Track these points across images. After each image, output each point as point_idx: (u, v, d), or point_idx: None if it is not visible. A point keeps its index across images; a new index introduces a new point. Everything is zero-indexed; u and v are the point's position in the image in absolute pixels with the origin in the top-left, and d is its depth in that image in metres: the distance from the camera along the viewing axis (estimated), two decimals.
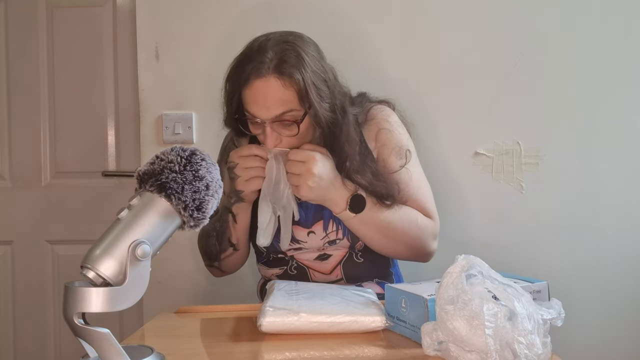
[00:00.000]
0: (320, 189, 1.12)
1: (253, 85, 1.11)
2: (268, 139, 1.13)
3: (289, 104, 1.11)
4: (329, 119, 1.14)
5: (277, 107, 1.11)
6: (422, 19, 1.71)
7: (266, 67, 1.10)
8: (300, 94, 1.10)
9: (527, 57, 1.70)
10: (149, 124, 1.75)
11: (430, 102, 1.70)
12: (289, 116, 1.12)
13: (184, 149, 0.71)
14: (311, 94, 1.10)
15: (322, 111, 1.12)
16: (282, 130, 1.14)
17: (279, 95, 1.10)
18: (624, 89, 1.71)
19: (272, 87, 1.10)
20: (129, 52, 1.85)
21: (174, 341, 0.93)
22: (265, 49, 1.12)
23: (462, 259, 0.79)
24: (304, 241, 1.24)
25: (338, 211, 1.17)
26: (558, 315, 0.78)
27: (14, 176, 1.90)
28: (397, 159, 1.23)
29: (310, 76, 1.11)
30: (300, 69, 1.10)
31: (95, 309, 0.64)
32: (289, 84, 1.10)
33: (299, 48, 1.13)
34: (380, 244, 1.22)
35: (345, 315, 0.91)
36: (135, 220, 0.67)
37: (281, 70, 1.10)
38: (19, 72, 1.89)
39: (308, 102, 1.11)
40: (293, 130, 1.14)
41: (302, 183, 1.11)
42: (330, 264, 1.27)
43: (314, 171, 1.10)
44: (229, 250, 1.25)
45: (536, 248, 1.71)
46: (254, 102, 1.12)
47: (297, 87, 1.10)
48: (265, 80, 1.10)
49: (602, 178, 1.71)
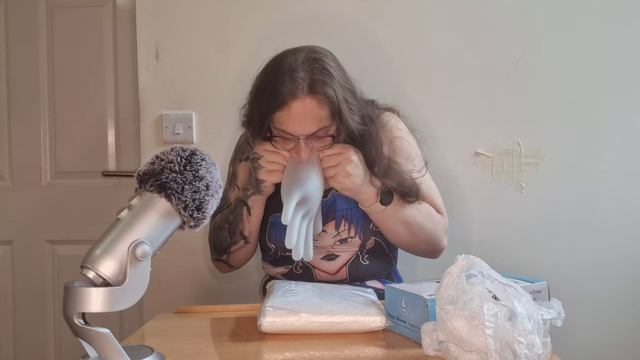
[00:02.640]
0: (357, 177, 1.16)
1: (289, 107, 1.13)
2: (303, 153, 1.16)
3: (324, 121, 1.15)
4: (360, 131, 1.19)
5: (312, 125, 1.15)
6: (422, 19, 1.71)
7: (300, 87, 1.13)
8: (333, 111, 1.14)
9: (527, 57, 1.70)
10: (149, 124, 1.75)
11: (431, 102, 1.70)
12: (323, 132, 1.16)
13: (184, 149, 0.71)
14: (343, 110, 1.15)
15: (354, 124, 1.17)
16: (315, 144, 1.18)
17: (315, 114, 1.14)
18: (624, 89, 1.71)
19: (308, 106, 1.13)
20: (129, 52, 1.85)
21: (174, 341, 0.93)
22: (295, 69, 1.14)
23: (462, 259, 0.79)
24: (315, 239, 1.26)
25: (368, 204, 1.20)
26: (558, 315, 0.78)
27: (14, 176, 1.90)
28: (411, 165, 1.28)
29: (341, 91, 1.15)
30: (332, 86, 1.14)
31: (95, 309, 0.64)
32: (324, 102, 1.14)
33: (326, 64, 1.17)
34: (403, 238, 1.25)
35: (345, 315, 0.91)
36: (135, 220, 0.67)
37: (315, 90, 1.13)
38: (19, 72, 1.89)
39: (340, 117, 1.15)
40: (326, 142, 1.18)
41: (341, 170, 1.14)
42: (337, 265, 1.28)
43: (352, 158, 1.15)
44: (240, 242, 1.27)
45: (536, 248, 1.71)
46: (289, 121, 1.15)
47: (331, 105, 1.14)
48: (301, 101, 1.13)
49: (602, 178, 1.71)
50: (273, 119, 1.16)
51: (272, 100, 1.14)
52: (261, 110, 1.17)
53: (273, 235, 1.27)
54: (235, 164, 1.38)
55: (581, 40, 1.70)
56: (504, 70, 1.70)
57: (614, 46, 1.70)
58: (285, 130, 1.16)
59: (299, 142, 1.16)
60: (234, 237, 1.27)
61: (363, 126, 1.19)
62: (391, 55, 1.71)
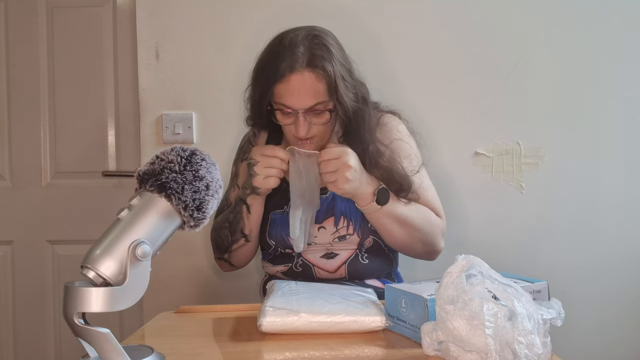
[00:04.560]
0: (356, 180, 1.16)
1: (288, 79, 1.17)
2: (300, 128, 1.19)
3: (321, 96, 1.19)
4: (354, 108, 1.22)
5: (310, 98, 1.18)
6: (422, 18, 1.71)
7: (300, 61, 1.17)
8: (330, 86, 1.18)
9: (527, 57, 1.70)
10: (149, 124, 1.75)
11: (430, 101, 1.70)
12: (321, 106, 1.19)
13: (184, 149, 0.71)
14: (339, 85, 1.18)
15: (348, 101, 1.20)
16: (314, 119, 1.21)
17: (313, 88, 1.18)
18: (624, 89, 1.71)
19: (307, 80, 1.17)
20: (129, 52, 1.85)
21: (174, 341, 0.93)
22: (296, 44, 1.18)
23: (462, 258, 0.79)
24: (315, 236, 1.27)
25: (364, 203, 1.20)
26: (558, 315, 0.78)
27: (14, 176, 1.90)
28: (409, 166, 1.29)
29: (338, 68, 1.19)
30: (331, 62, 1.18)
31: (95, 309, 0.64)
32: (322, 76, 1.18)
33: (326, 41, 1.21)
34: (399, 238, 1.25)
35: (345, 315, 0.91)
36: (135, 220, 0.67)
37: (314, 63, 1.17)
38: (19, 72, 1.89)
39: (336, 93, 1.18)
40: (323, 118, 1.21)
41: (340, 176, 1.14)
42: (336, 263, 1.29)
43: (350, 163, 1.15)
44: (240, 241, 1.28)
45: (536, 248, 1.71)
46: (289, 95, 1.18)
47: (328, 80, 1.18)
48: (300, 74, 1.17)
49: (602, 178, 1.71)
50: (273, 93, 1.20)
51: (272, 74, 1.18)
52: (262, 85, 1.22)
53: (273, 232, 1.28)
54: (237, 164, 1.40)
55: (581, 40, 1.70)
56: (504, 70, 1.70)
57: (614, 46, 1.70)
58: (285, 103, 1.19)
59: (298, 117, 1.19)
60: (234, 235, 1.28)
61: (356, 103, 1.22)
62: (391, 55, 1.71)
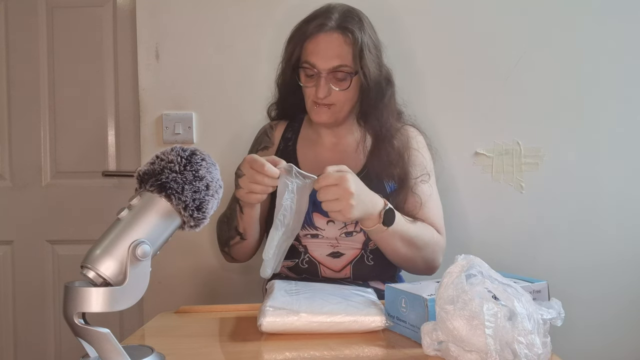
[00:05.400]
0: (361, 203, 1.08)
1: (317, 38, 1.25)
2: (321, 89, 1.25)
3: (346, 59, 1.24)
4: (376, 79, 1.28)
5: (335, 59, 1.24)
6: (422, 18, 1.71)
7: (331, 23, 1.25)
8: (355, 52, 1.24)
9: (527, 57, 1.70)
10: (149, 124, 1.75)
11: (430, 101, 1.70)
12: (344, 69, 1.25)
13: (184, 149, 0.71)
14: (365, 52, 1.24)
15: (372, 69, 1.26)
16: (335, 84, 1.26)
17: (339, 49, 1.24)
18: (624, 89, 1.71)
19: (335, 41, 1.24)
20: (129, 52, 1.85)
21: (174, 341, 0.93)
22: (331, 11, 1.28)
23: (462, 258, 0.79)
24: (322, 229, 1.27)
25: (371, 225, 1.14)
26: (558, 315, 0.78)
27: (14, 176, 1.90)
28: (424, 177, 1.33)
29: (367, 39, 1.26)
30: (360, 30, 1.26)
31: (95, 309, 0.64)
32: (349, 41, 1.24)
33: (360, 15, 1.31)
34: (402, 256, 1.23)
35: (345, 315, 0.91)
36: (136, 220, 0.67)
37: (344, 27, 1.25)
38: (19, 72, 1.89)
39: (361, 59, 1.24)
40: (344, 84, 1.26)
41: (345, 205, 1.06)
42: (342, 262, 1.29)
43: (351, 190, 1.06)
44: (236, 238, 1.28)
45: (536, 248, 1.71)
46: (315, 53, 1.25)
47: (355, 45, 1.24)
48: (329, 35, 1.25)
49: (602, 178, 1.71)
50: (302, 52, 1.28)
51: (304, 32, 1.27)
52: (294, 43, 1.29)
53: None
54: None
55: (581, 40, 1.70)
56: (504, 70, 1.70)
57: (613, 46, 1.70)
58: (310, 61, 1.25)
59: (320, 78, 1.24)
60: (230, 231, 1.28)
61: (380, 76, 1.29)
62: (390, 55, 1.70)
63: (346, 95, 1.27)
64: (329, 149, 1.38)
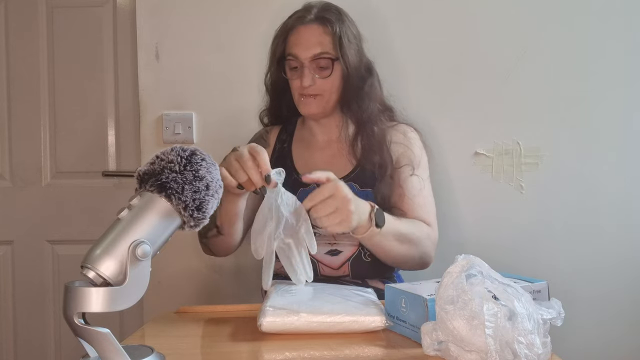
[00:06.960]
0: (357, 208, 1.06)
1: (298, 30, 1.33)
2: (305, 78, 1.30)
3: (326, 47, 1.31)
4: (355, 65, 1.33)
5: (316, 47, 1.30)
6: (421, 18, 1.71)
7: (310, 16, 1.33)
8: (335, 41, 1.31)
9: (527, 57, 1.70)
10: (149, 124, 1.75)
11: (430, 102, 1.70)
12: (325, 56, 1.30)
13: (184, 149, 0.71)
14: (344, 40, 1.31)
15: (351, 57, 1.32)
16: (318, 72, 1.31)
17: (318, 38, 1.31)
18: (624, 89, 1.71)
19: (314, 31, 1.32)
20: (129, 52, 1.85)
21: (174, 341, 0.93)
22: (311, 6, 1.36)
23: (462, 258, 0.79)
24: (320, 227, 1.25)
25: (364, 231, 1.12)
26: (558, 315, 0.78)
27: (14, 176, 1.90)
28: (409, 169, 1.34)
29: (345, 30, 1.33)
30: (339, 22, 1.33)
31: (95, 309, 0.64)
32: (328, 31, 1.31)
33: (339, 8, 1.38)
34: (396, 255, 1.22)
35: (345, 315, 0.91)
36: (136, 220, 0.67)
37: (322, 18, 1.33)
38: (19, 72, 1.89)
39: (340, 46, 1.31)
40: (327, 72, 1.31)
41: (346, 213, 1.03)
42: (340, 260, 1.30)
43: (349, 196, 1.04)
44: (213, 230, 1.25)
45: (536, 248, 1.71)
46: (297, 44, 1.32)
47: (334, 35, 1.31)
48: (309, 26, 1.33)
49: (602, 178, 1.71)
50: (285, 46, 1.34)
51: (285, 26, 1.35)
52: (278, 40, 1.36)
53: None
54: None
55: (581, 40, 1.70)
56: (504, 70, 1.70)
57: (613, 46, 1.70)
58: (292, 53, 1.32)
59: (304, 68, 1.30)
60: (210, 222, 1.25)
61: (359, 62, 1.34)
62: (390, 55, 1.71)
63: (331, 84, 1.32)
64: (321, 148, 1.41)
